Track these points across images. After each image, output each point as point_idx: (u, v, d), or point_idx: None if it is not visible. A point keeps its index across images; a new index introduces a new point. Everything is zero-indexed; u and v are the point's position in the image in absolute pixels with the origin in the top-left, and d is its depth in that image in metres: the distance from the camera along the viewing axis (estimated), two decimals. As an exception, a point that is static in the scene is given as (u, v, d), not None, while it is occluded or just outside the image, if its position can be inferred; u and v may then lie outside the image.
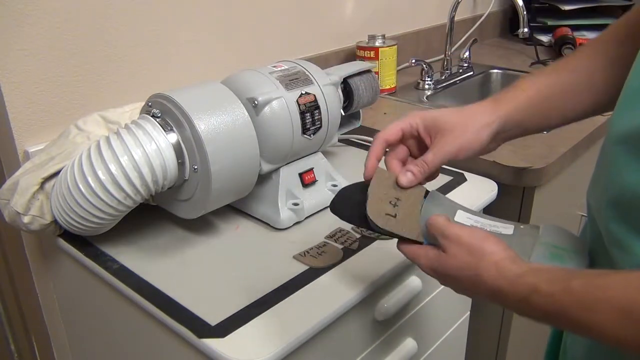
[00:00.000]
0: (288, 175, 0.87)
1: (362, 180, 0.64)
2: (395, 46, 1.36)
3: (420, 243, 0.60)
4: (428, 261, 0.58)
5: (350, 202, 0.64)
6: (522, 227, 0.60)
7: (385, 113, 1.28)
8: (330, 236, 0.82)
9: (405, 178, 0.62)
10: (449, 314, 0.98)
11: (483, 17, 1.79)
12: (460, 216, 0.61)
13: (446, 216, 0.59)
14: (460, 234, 0.55)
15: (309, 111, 0.86)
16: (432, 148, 0.62)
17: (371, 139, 1.15)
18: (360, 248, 0.79)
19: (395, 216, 0.60)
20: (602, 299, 0.43)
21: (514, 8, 1.51)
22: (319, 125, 0.88)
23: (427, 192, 0.64)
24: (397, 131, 0.64)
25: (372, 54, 1.34)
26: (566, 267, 0.55)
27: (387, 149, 0.65)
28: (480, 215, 0.62)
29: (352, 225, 0.84)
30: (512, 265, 0.51)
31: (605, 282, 0.44)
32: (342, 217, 0.64)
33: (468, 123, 0.62)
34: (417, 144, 0.65)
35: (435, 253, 0.57)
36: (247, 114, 0.78)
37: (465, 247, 0.54)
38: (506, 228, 0.60)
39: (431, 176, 0.64)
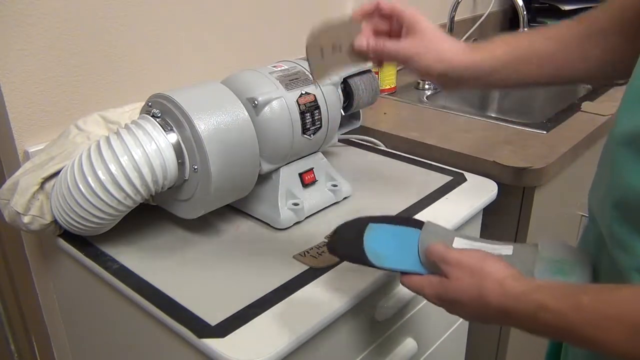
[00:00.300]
0: (288, 175, 0.87)
1: (358, 217, 0.67)
2: (395, 46, 1.36)
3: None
4: (432, 290, 0.58)
5: (346, 242, 0.66)
6: (521, 246, 0.60)
7: (385, 113, 1.28)
8: (331, 236, 0.82)
9: (359, 42, 0.68)
10: (449, 314, 0.98)
11: (483, 17, 1.79)
12: (458, 243, 0.61)
13: (444, 242, 0.59)
14: (460, 257, 0.56)
15: (309, 111, 0.86)
16: (399, 41, 0.67)
17: (371, 138, 1.15)
18: (360, 248, 0.79)
19: (322, 55, 0.67)
20: (611, 315, 0.43)
21: (514, 8, 1.51)
22: (319, 125, 0.88)
23: (421, 222, 0.66)
24: (391, 7, 0.69)
25: (372, 54, 1.34)
26: (569, 280, 0.55)
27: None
28: (478, 240, 0.62)
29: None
30: (515, 283, 0.51)
31: (614, 298, 0.44)
32: (340, 257, 0.67)
33: (435, 45, 0.66)
34: (397, 31, 0.69)
35: (438, 280, 0.57)
36: (247, 114, 0.78)
37: (467, 269, 0.54)
38: (506, 249, 0.60)
39: (378, 63, 0.70)
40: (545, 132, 1.12)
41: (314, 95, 0.87)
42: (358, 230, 0.64)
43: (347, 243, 0.65)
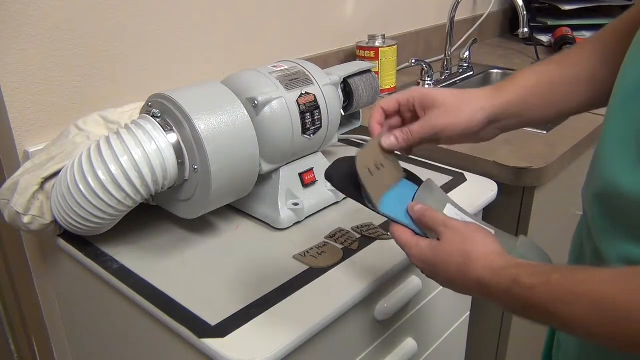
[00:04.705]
0: (288, 175, 0.87)
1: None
2: (395, 46, 1.36)
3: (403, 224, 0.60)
4: (418, 251, 0.58)
5: (344, 172, 0.64)
6: (503, 233, 0.62)
7: (385, 113, 1.28)
8: (330, 236, 0.82)
9: (388, 140, 0.64)
10: (449, 314, 0.98)
11: (483, 17, 1.79)
12: (449, 210, 0.63)
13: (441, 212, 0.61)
14: (457, 224, 0.57)
15: (309, 111, 0.86)
16: (420, 120, 0.64)
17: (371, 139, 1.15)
18: (360, 248, 0.79)
19: (372, 175, 0.62)
20: (576, 291, 0.44)
21: (514, 8, 1.51)
22: (319, 125, 0.88)
23: (420, 180, 0.66)
24: (394, 102, 0.66)
25: (372, 54, 1.34)
26: None
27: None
28: (466, 214, 0.64)
29: (352, 225, 0.84)
30: (498, 258, 0.52)
31: (581, 276, 0.45)
32: (335, 186, 0.65)
33: (462, 103, 0.64)
34: (412, 117, 0.67)
35: (427, 243, 0.58)
36: (247, 114, 0.78)
37: (460, 235, 0.56)
38: (488, 230, 0.61)
39: (410, 150, 0.67)
40: (545, 132, 1.12)
41: (314, 95, 0.87)
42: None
43: (345, 176, 0.64)
